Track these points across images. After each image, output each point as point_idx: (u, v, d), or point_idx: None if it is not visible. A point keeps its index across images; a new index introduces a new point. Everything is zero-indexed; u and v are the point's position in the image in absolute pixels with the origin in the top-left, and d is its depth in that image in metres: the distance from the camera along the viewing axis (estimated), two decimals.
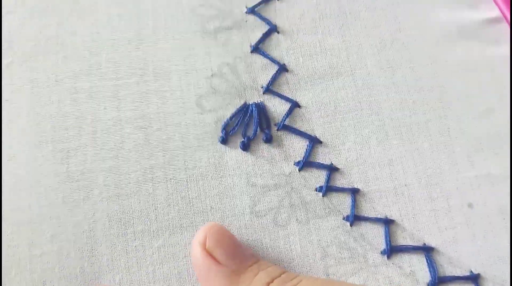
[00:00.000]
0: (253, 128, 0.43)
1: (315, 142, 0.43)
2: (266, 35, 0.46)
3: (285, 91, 0.45)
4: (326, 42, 0.46)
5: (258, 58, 0.46)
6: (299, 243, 0.40)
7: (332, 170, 0.43)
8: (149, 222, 0.40)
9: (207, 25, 0.46)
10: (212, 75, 0.44)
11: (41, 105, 0.42)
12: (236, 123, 0.43)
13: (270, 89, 0.45)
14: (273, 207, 0.41)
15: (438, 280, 0.40)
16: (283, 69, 0.45)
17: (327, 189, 0.42)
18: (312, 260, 0.40)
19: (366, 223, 0.41)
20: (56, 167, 0.40)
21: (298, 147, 0.43)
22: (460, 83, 0.46)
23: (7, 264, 0.38)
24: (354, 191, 0.42)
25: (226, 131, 0.43)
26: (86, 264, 0.38)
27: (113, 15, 0.46)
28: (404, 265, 0.40)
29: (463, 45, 0.47)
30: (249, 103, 0.44)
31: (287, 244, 0.40)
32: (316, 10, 0.48)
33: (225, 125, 0.43)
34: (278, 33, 0.47)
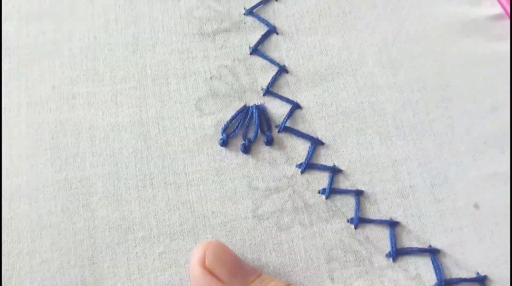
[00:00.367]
0: (254, 130, 0.42)
1: (317, 143, 0.43)
2: (265, 37, 0.46)
3: (286, 93, 0.44)
4: (326, 42, 0.46)
5: (257, 59, 0.45)
6: (303, 247, 0.40)
7: (335, 171, 0.42)
8: (149, 228, 0.39)
9: (205, 28, 0.45)
10: (211, 78, 0.44)
11: (38, 112, 0.42)
12: (236, 126, 0.42)
13: (270, 91, 0.44)
14: (276, 210, 0.41)
15: (444, 282, 0.39)
16: (283, 71, 0.45)
17: (331, 191, 0.41)
18: (316, 263, 0.39)
19: (370, 225, 0.41)
20: (55, 174, 0.40)
21: (300, 149, 0.43)
22: (463, 81, 0.45)
23: (7, 273, 0.37)
24: (358, 193, 0.41)
25: (226, 133, 0.42)
26: (86, 272, 0.38)
27: (110, 20, 0.45)
28: (409, 268, 0.40)
29: (466, 42, 0.47)
30: (249, 105, 0.43)
31: (291, 248, 0.40)
32: (315, 10, 0.47)
33: (225, 127, 0.42)
34: (277, 34, 0.46)
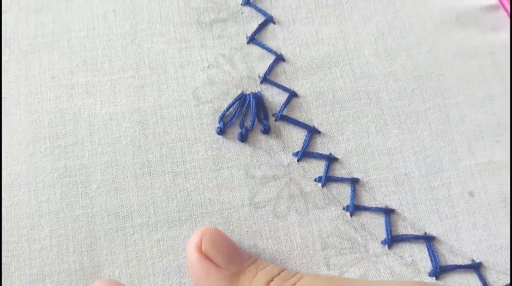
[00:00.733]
0: (251, 118, 0.43)
1: (313, 132, 0.43)
2: (262, 26, 0.46)
3: (283, 81, 0.44)
4: (323, 31, 0.46)
5: (254, 48, 0.45)
6: (299, 234, 0.40)
7: (331, 160, 0.42)
8: (147, 215, 0.40)
9: (202, 17, 0.46)
10: (208, 67, 0.44)
11: (37, 102, 0.42)
12: (233, 114, 0.43)
13: (267, 79, 0.44)
14: (272, 198, 0.41)
15: (439, 269, 0.40)
16: (280, 59, 0.45)
17: (327, 179, 0.42)
18: (312, 250, 0.40)
19: (366, 213, 0.41)
20: (54, 162, 0.40)
21: (296, 138, 0.43)
22: (459, 70, 0.45)
23: (6, 259, 0.38)
24: (353, 181, 0.42)
25: (223, 122, 0.42)
26: (85, 258, 0.38)
27: (108, 11, 0.45)
28: (405, 255, 0.40)
29: (462, 32, 0.47)
30: (247, 93, 0.43)
31: (287, 235, 0.40)
32: (311, 0, 0.47)
33: (222, 115, 0.42)
34: (274, 24, 0.46)
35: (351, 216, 0.41)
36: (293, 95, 0.44)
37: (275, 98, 0.44)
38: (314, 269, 0.39)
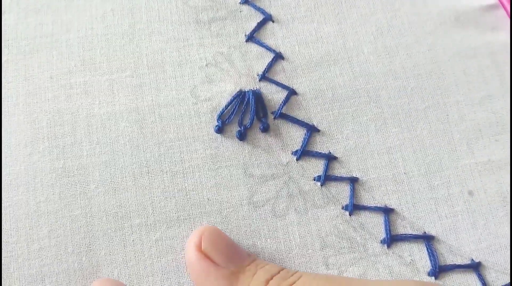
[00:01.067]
0: (250, 116, 0.42)
1: (312, 130, 0.43)
2: (261, 24, 0.46)
3: (282, 79, 0.44)
4: (322, 30, 0.46)
5: (253, 47, 0.45)
6: (298, 233, 0.40)
7: (330, 159, 0.42)
8: (146, 215, 0.40)
9: (200, 16, 0.46)
10: (206, 65, 0.44)
11: (36, 102, 0.42)
12: (231, 112, 0.42)
13: (266, 77, 0.44)
14: (271, 197, 0.41)
15: (438, 268, 0.40)
16: (279, 57, 0.45)
17: (326, 178, 0.42)
18: (311, 250, 0.40)
19: (365, 212, 0.41)
20: (52, 163, 0.40)
21: (295, 136, 0.43)
22: (458, 69, 0.45)
23: (5, 260, 0.38)
24: (353, 180, 0.42)
25: (221, 120, 0.42)
26: (84, 258, 0.38)
27: (107, 11, 0.45)
28: (404, 254, 0.40)
29: (461, 31, 0.47)
30: (245, 91, 0.43)
31: (286, 234, 0.40)
32: None
33: (221, 114, 0.42)
34: (273, 22, 0.46)
35: (350, 215, 0.41)
36: (292, 93, 0.44)
37: (274, 96, 0.44)
38: (312, 269, 0.39)
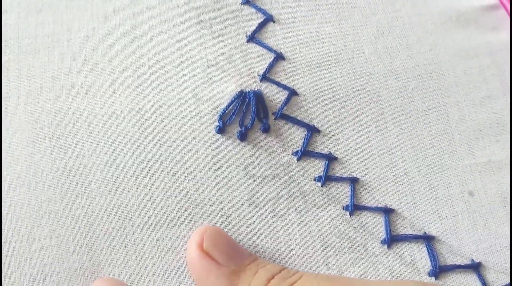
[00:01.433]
0: (251, 117, 0.42)
1: (313, 131, 0.43)
2: (262, 25, 0.46)
3: (282, 79, 0.44)
4: (322, 30, 0.46)
5: (254, 47, 0.45)
6: (298, 234, 0.40)
7: (330, 159, 0.42)
8: (147, 215, 0.40)
9: (202, 17, 0.46)
10: (207, 65, 0.44)
11: (37, 102, 0.42)
12: (232, 112, 0.42)
13: (267, 77, 0.44)
14: (272, 197, 0.41)
15: (439, 269, 0.40)
16: (280, 58, 0.45)
17: (326, 179, 0.42)
18: (311, 250, 0.40)
19: (365, 212, 0.41)
20: (53, 162, 0.40)
21: (296, 137, 0.43)
22: (459, 69, 0.45)
23: (6, 259, 0.38)
24: (353, 180, 0.42)
25: (222, 121, 0.42)
26: (85, 258, 0.38)
27: (108, 11, 0.45)
28: (404, 254, 0.40)
29: (462, 31, 0.47)
30: (246, 91, 0.43)
31: (287, 234, 0.40)
32: None
33: (222, 114, 0.42)
34: (274, 22, 0.46)
35: (350, 215, 0.41)
36: (293, 93, 0.44)
37: (274, 96, 0.44)
38: (313, 269, 0.39)
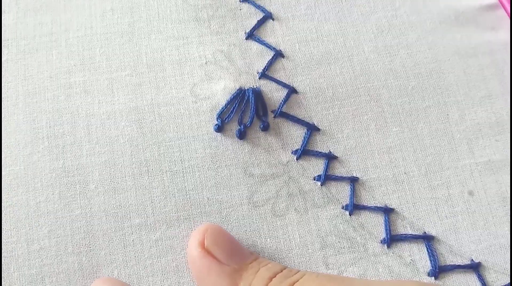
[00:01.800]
0: (250, 115, 0.42)
1: (313, 129, 0.43)
2: (261, 22, 0.45)
3: (282, 77, 0.44)
4: (322, 28, 0.46)
5: (253, 44, 0.45)
6: (297, 233, 0.40)
7: (330, 158, 0.42)
8: (145, 215, 0.40)
9: (200, 14, 0.45)
10: (206, 63, 0.44)
11: (35, 102, 0.42)
12: (231, 110, 0.42)
13: (266, 75, 0.44)
14: (271, 197, 0.41)
15: (438, 269, 0.40)
16: (279, 55, 0.44)
17: (326, 178, 0.41)
18: (311, 250, 0.40)
19: (365, 212, 0.41)
20: (52, 162, 0.40)
21: (295, 135, 0.43)
22: (458, 69, 0.45)
23: (5, 260, 0.38)
24: (353, 180, 0.42)
25: (221, 119, 0.42)
26: (84, 258, 0.38)
27: (106, 10, 0.45)
28: (404, 254, 0.40)
29: (461, 30, 0.46)
30: (245, 89, 0.43)
31: (286, 234, 0.40)
32: None
33: (220, 112, 0.42)
34: (273, 20, 0.46)
35: (350, 215, 0.41)
36: (292, 91, 0.43)
37: (274, 94, 0.43)
38: (312, 268, 0.39)
